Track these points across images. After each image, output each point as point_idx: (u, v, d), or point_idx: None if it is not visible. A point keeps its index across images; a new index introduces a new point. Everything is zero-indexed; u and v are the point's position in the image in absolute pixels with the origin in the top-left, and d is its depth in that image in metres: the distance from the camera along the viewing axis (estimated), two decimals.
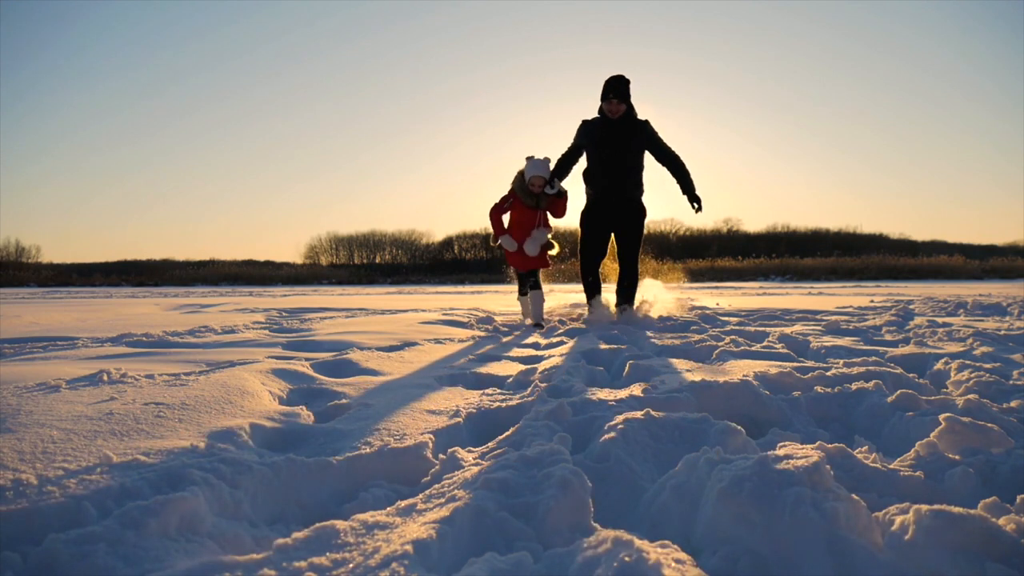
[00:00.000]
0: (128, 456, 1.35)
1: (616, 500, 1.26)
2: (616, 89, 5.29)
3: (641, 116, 5.48)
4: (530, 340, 4.28)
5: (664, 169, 5.57)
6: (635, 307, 5.61)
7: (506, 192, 5.73)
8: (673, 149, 5.42)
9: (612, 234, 5.55)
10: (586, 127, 5.49)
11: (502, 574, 0.87)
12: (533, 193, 5.53)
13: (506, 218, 5.73)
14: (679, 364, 2.76)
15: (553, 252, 5.66)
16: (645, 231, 5.63)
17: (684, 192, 5.36)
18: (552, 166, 5.60)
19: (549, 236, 5.63)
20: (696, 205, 5.35)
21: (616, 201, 5.41)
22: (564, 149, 5.74)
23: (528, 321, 5.76)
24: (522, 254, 5.59)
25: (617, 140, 5.34)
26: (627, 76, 5.36)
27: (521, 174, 5.57)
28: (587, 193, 5.60)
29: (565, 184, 5.73)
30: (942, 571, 0.88)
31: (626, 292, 5.55)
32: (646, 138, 5.40)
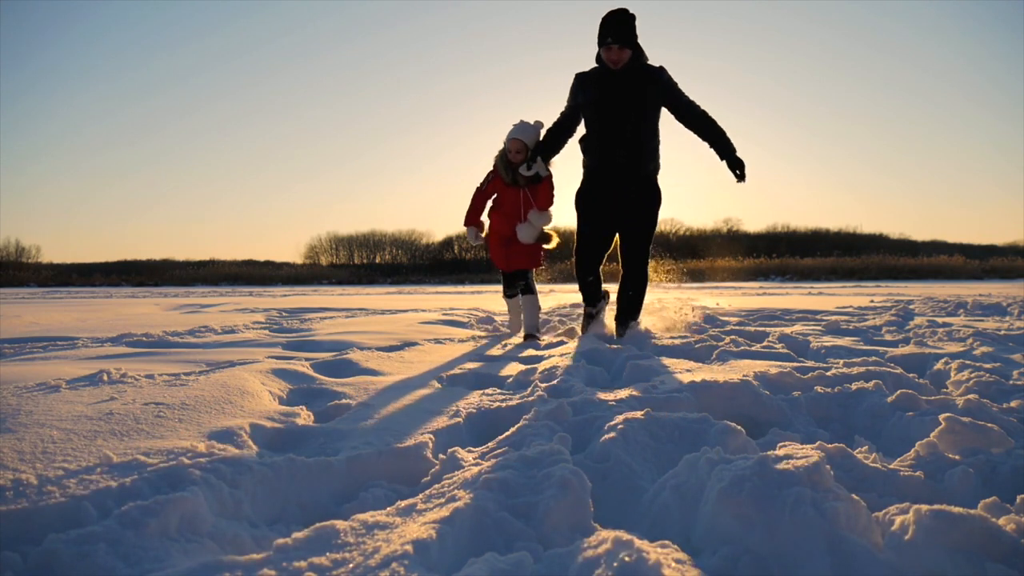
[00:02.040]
0: (128, 456, 1.35)
1: (616, 500, 1.26)
2: (616, 30, 3.88)
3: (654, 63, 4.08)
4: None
5: (683, 138, 4.18)
6: (639, 322, 4.33)
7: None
8: (699, 104, 4.07)
9: (616, 223, 4.23)
10: (582, 83, 4.12)
11: (502, 574, 0.87)
12: (511, 165, 4.34)
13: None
14: (679, 364, 2.75)
15: (549, 245, 4.53)
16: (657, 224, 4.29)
17: (723, 156, 3.98)
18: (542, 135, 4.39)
19: (547, 225, 4.48)
20: (739, 172, 3.97)
21: (622, 179, 4.04)
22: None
23: (518, 336, 4.54)
24: (503, 248, 4.50)
25: (622, 97, 3.97)
26: (630, 10, 3.98)
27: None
28: (585, 166, 4.23)
29: (555, 162, 4.44)
30: (942, 571, 0.88)
31: (630, 303, 4.21)
32: (662, 92, 4.00)
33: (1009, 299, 8.48)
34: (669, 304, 6.54)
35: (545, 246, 4.54)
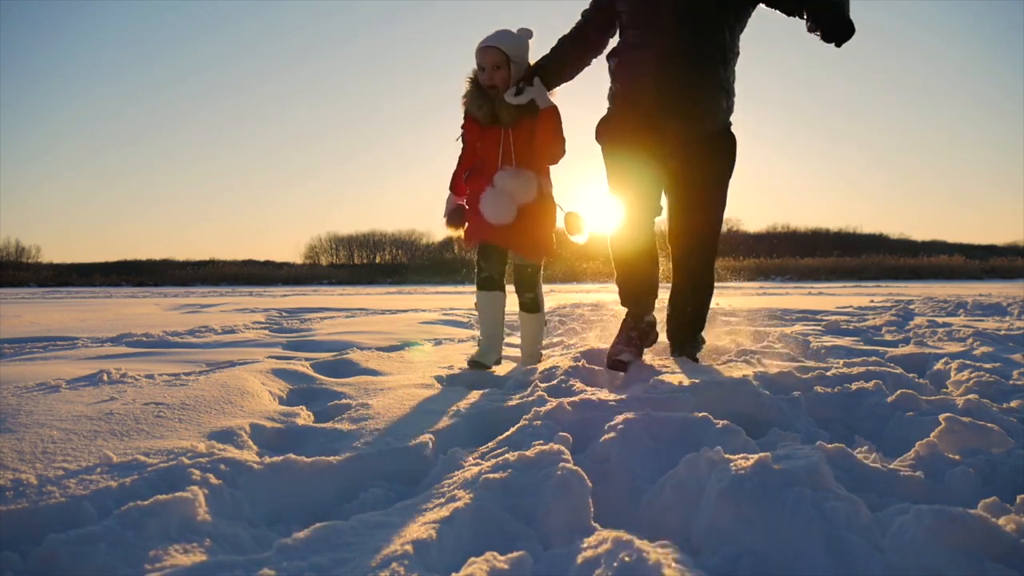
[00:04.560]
0: (128, 456, 1.35)
1: (616, 500, 1.26)
2: None
3: None
4: None
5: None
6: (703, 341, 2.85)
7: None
8: None
9: (665, 178, 2.62)
10: None
11: (502, 574, 0.87)
12: (487, 91, 2.70)
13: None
14: (679, 364, 2.75)
15: (578, 236, 2.80)
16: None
17: (811, 12, 2.24)
18: (536, 53, 2.73)
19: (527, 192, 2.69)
20: (834, 29, 2.22)
21: (675, 122, 2.48)
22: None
23: (503, 362, 2.98)
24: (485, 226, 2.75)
25: None
26: None
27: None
28: (616, 107, 2.62)
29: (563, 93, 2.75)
30: (942, 571, 0.88)
31: (689, 317, 2.72)
32: None
33: (1009, 299, 8.48)
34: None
35: (573, 237, 2.82)
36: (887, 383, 2.11)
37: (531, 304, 3.00)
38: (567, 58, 2.65)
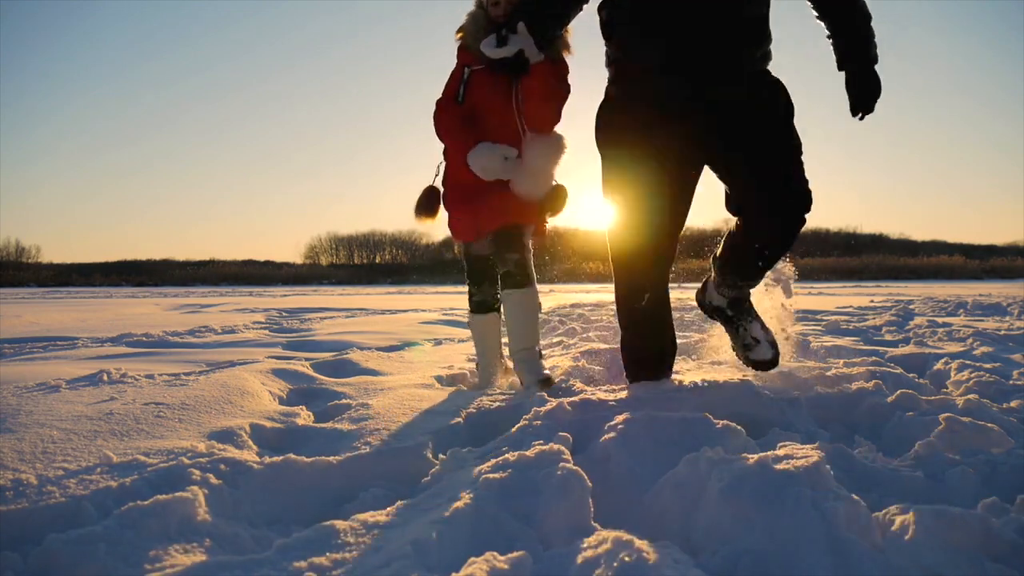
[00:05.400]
0: (128, 456, 1.35)
1: (616, 500, 1.26)
2: None
3: None
4: None
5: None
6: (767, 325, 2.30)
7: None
8: None
9: (699, 169, 2.01)
10: None
11: (502, 574, 0.87)
12: (497, 28, 2.07)
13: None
14: (679, 364, 2.75)
15: (554, 209, 2.35)
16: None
17: (845, 62, 1.96)
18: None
19: (555, 158, 2.26)
20: (862, 97, 1.99)
21: (703, 82, 1.86)
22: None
23: (501, 380, 2.46)
24: (470, 200, 2.34)
25: None
26: None
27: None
28: (616, 80, 2.00)
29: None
30: (942, 571, 0.88)
31: (757, 262, 2.08)
32: None
33: (1009, 299, 8.48)
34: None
35: (551, 207, 2.36)
36: (887, 383, 2.11)
37: (517, 274, 2.28)
38: (566, 3, 2.04)
